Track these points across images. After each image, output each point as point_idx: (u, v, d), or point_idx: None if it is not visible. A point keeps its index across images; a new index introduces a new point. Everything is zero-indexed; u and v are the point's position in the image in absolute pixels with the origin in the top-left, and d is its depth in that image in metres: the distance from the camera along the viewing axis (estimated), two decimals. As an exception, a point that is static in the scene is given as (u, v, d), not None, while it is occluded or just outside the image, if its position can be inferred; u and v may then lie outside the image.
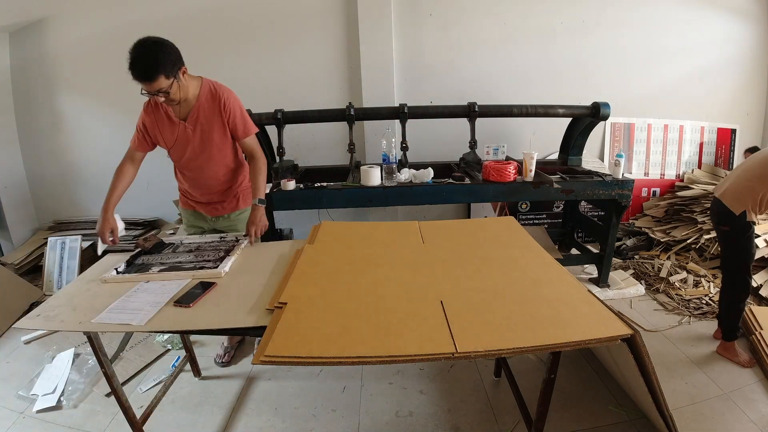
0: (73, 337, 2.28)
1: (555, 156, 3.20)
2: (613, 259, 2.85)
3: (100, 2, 3.12)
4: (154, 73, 1.49)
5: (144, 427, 1.56)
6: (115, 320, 1.19)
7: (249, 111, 2.52)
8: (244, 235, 1.77)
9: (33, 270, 3.12)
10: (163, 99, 1.58)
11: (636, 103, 3.41)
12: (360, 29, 3.06)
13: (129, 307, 1.25)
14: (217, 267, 1.49)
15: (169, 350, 2.24)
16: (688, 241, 3.00)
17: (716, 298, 2.41)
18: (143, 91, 1.56)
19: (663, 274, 2.80)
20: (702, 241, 2.92)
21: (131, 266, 1.54)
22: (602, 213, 2.81)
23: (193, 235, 1.89)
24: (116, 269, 1.48)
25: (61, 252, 2.97)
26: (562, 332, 1.04)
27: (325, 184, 2.44)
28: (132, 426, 1.51)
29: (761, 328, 2.07)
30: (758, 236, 2.60)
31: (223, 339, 2.18)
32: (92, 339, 1.33)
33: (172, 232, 3.07)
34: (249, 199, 1.91)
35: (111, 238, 1.66)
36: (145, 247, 1.67)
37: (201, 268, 1.50)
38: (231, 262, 1.53)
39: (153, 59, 1.49)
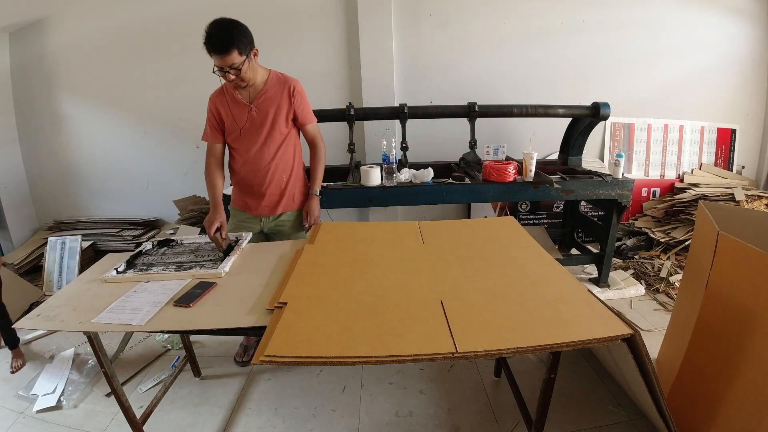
0: (73, 337, 2.28)
1: (555, 156, 3.20)
2: (613, 259, 2.85)
3: (100, 2, 3.12)
4: (229, 47, 1.57)
5: (144, 427, 1.56)
6: (115, 320, 1.19)
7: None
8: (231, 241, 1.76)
9: (33, 270, 3.12)
10: (233, 77, 1.63)
11: (636, 103, 3.41)
12: (360, 29, 3.06)
13: (129, 307, 1.26)
14: (217, 267, 1.49)
15: (169, 350, 2.24)
16: (688, 242, 3.00)
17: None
18: (215, 69, 1.62)
19: (663, 274, 2.80)
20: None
21: (131, 266, 1.54)
22: (602, 213, 2.81)
23: (193, 235, 1.89)
24: (116, 269, 1.48)
25: (61, 252, 2.97)
26: (562, 332, 1.04)
27: (325, 184, 2.44)
28: (132, 426, 1.51)
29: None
30: None
31: (241, 337, 2.17)
32: (92, 339, 1.33)
33: (172, 232, 3.07)
34: (299, 202, 1.98)
35: (218, 233, 1.67)
36: (222, 247, 1.65)
37: (201, 268, 1.50)
38: (231, 262, 1.53)
39: (229, 34, 1.57)
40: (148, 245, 1.73)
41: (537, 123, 3.21)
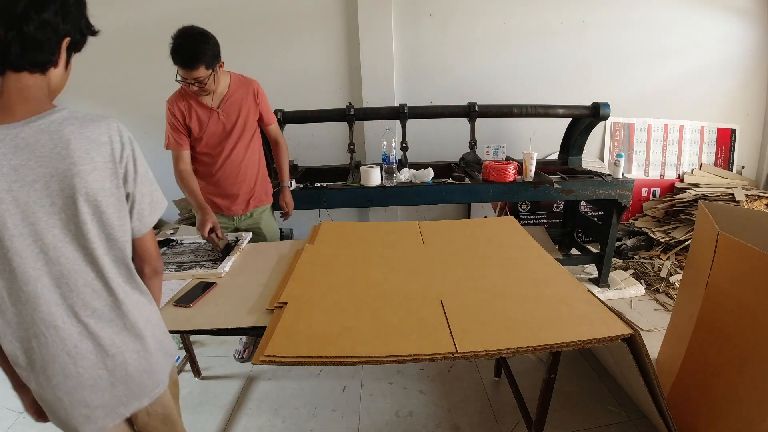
0: (73, 337, 2.28)
1: (555, 156, 3.20)
2: (613, 259, 2.85)
3: (100, 2, 3.11)
4: (196, 62, 1.55)
5: (144, 427, 1.56)
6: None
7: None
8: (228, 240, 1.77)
9: (33, 270, 3.12)
10: (196, 88, 1.63)
11: (636, 103, 3.41)
12: (360, 29, 3.06)
13: None
14: (217, 267, 1.49)
15: (169, 350, 2.24)
16: (688, 242, 2.99)
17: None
18: (179, 77, 1.62)
19: (663, 274, 2.80)
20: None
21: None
22: (602, 213, 2.81)
23: (193, 236, 1.89)
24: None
25: (61, 252, 2.97)
26: (562, 332, 1.04)
27: (325, 184, 2.44)
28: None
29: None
30: None
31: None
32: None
33: (171, 232, 3.06)
34: (266, 198, 2.04)
35: (212, 233, 1.66)
36: (220, 247, 1.65)
37: (201, 268, 1.50)
38: (231, 262, 1.53)
39: (196, 49, 1.54)
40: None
41: (537, 123, 3.21)
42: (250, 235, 1.82)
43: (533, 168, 2.41)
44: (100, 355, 0.78)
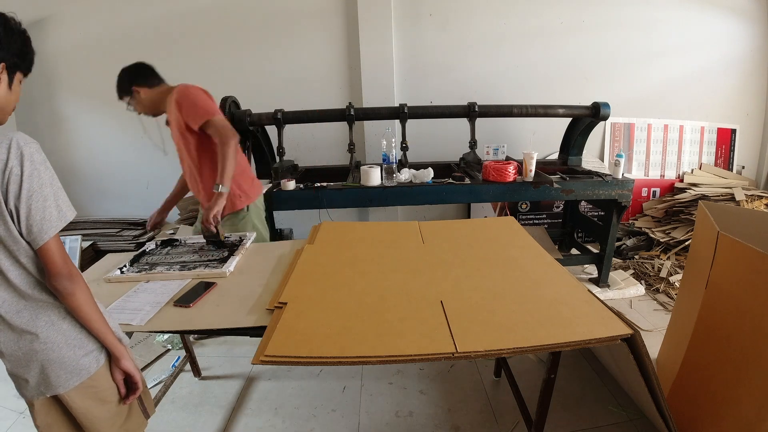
0: (73, 337, 2.28)
1: (555, 156, 3.20)
2: (613, 259, 2.85)
3: (100, 2, 3.12)
4: (118, 95, 1.82)
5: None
6: (115, 320, 1.19)
7: (246, 110, 2.52)
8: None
9: (33, 270, 3.12)
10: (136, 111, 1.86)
11: (636, 103, 3.41)
12: (360, 29, 3.06)
13: (129, 306, 1.26)
14: (221, 267, 1.49)
15: (169, 350, 2.24)
16: (688, 242, 3.00)
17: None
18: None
19: (663, 274, 2.80)
20: (702, 241, 2.92)
21: (135, 265, 1.55)
22: (602, 213, 2.81)
23: (197, 236, 1.90)
24: (120, 268, 1.48)
25: (61, 252, 2.97)
26: (562, 332, 1.04)
27: (325, 184, 2.44)
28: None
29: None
30: None
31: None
32: (92, 339, 1.33)
33: (172, 232, 3.06)
34: (239, 202, 1.91)
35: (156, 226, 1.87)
36: (222, 236, 1.70)
37: (205, 267, 1.51)
38: (236, 262, 1.53)
39: (117, 83, 1.80)
40: (151, 245, 1.73)
41: (537, 123, 3.21)
42: (254, 234, 1.81)
43: (533, 168, 2.41)
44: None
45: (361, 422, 1.73)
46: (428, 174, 2.42)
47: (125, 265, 1.51)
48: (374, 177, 2.37)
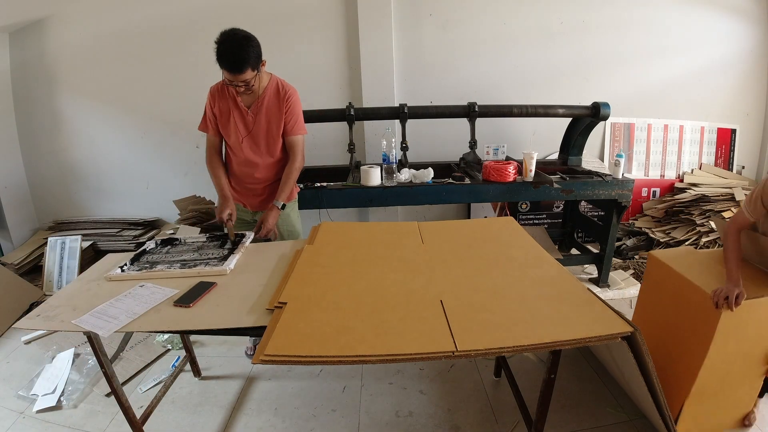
0: (73, 337, 2.28)
1: (555, 156, 3.20)
2: (613, 259, 2.85)
3: (100, 2, 3.12)
4: (243, 66, 1.58)
5: (144, 427, 1.56)
6: (89, 325, 1.18)
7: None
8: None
9: (33, 270, 3.12)
10: (243, 89, 1.67)
11: (636, 103, 3.41)
12: (360, 29, 3.06)
13: (109, 313, 1.24)
14: (222, 264, 1.50)
15: (169, 350, 2.24)
16: (688, 242, 2.99)
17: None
18: (226, 80, 1.66)
19: (663, 274, 2.80)
20: (702, 242, 2.92)
21: (135, 264, 1.55)
22: (602, 213, 2.81)
23: (197, 234, 1.90)
24: (121, 267, 1.48)
25: (61, 252, 2.97)
26: (562, 330, 1.04)
27: (325, 184, 2.44)
28: (132, 426, 1.51)
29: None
30: None
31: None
32: (92, 339, 1.33)
33: (172, 232, 3.06)
34: (293, 193, 1.99)
35: (229, 220, 1.77)
36: (231, 235, 1.76)
37: (206, 265, 1.51)
38: (236, 260, 1.53)
39: (243, 53, 1.58)
40: (151, 244, 1.73)
41: (537, 123, 3.21)
42: (252, 235, 1.81)
43: (533, 168, 2.41)
44: None
45: (361, 422, 1.73)
46: (428, 174, 2.42)
47: (126, 264, 1.52)
48: (374, 177, 2.37)
